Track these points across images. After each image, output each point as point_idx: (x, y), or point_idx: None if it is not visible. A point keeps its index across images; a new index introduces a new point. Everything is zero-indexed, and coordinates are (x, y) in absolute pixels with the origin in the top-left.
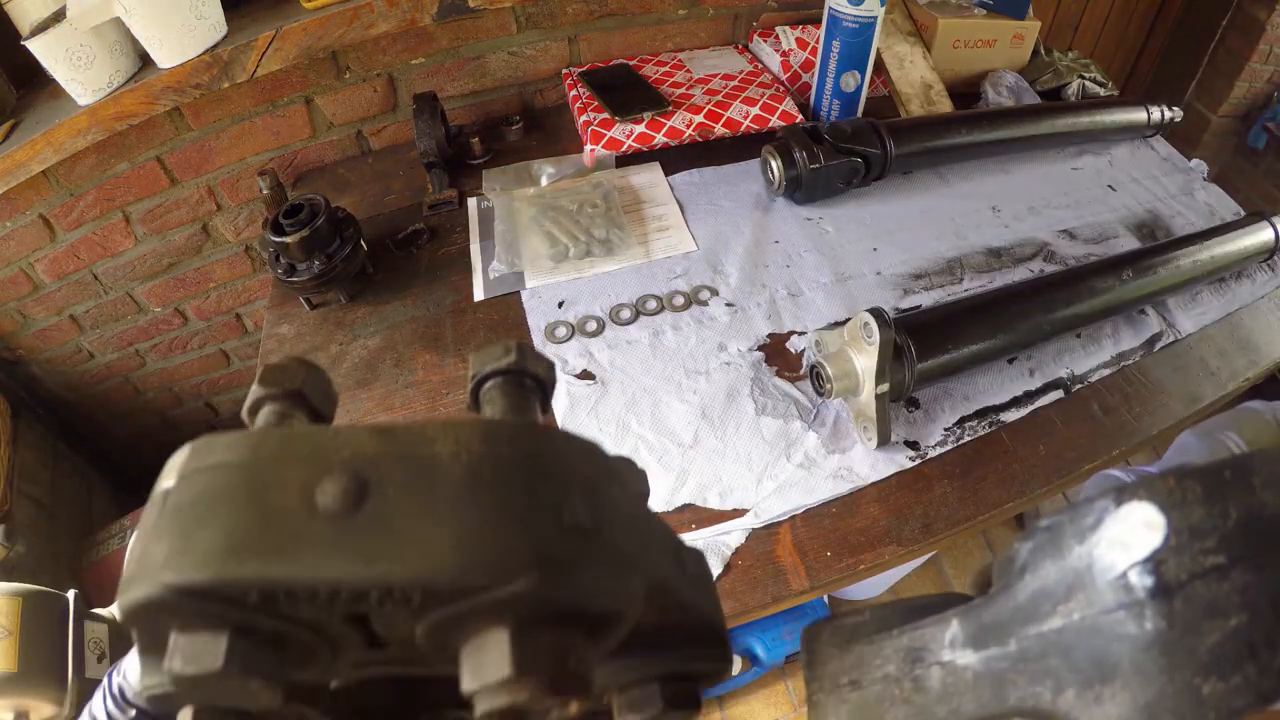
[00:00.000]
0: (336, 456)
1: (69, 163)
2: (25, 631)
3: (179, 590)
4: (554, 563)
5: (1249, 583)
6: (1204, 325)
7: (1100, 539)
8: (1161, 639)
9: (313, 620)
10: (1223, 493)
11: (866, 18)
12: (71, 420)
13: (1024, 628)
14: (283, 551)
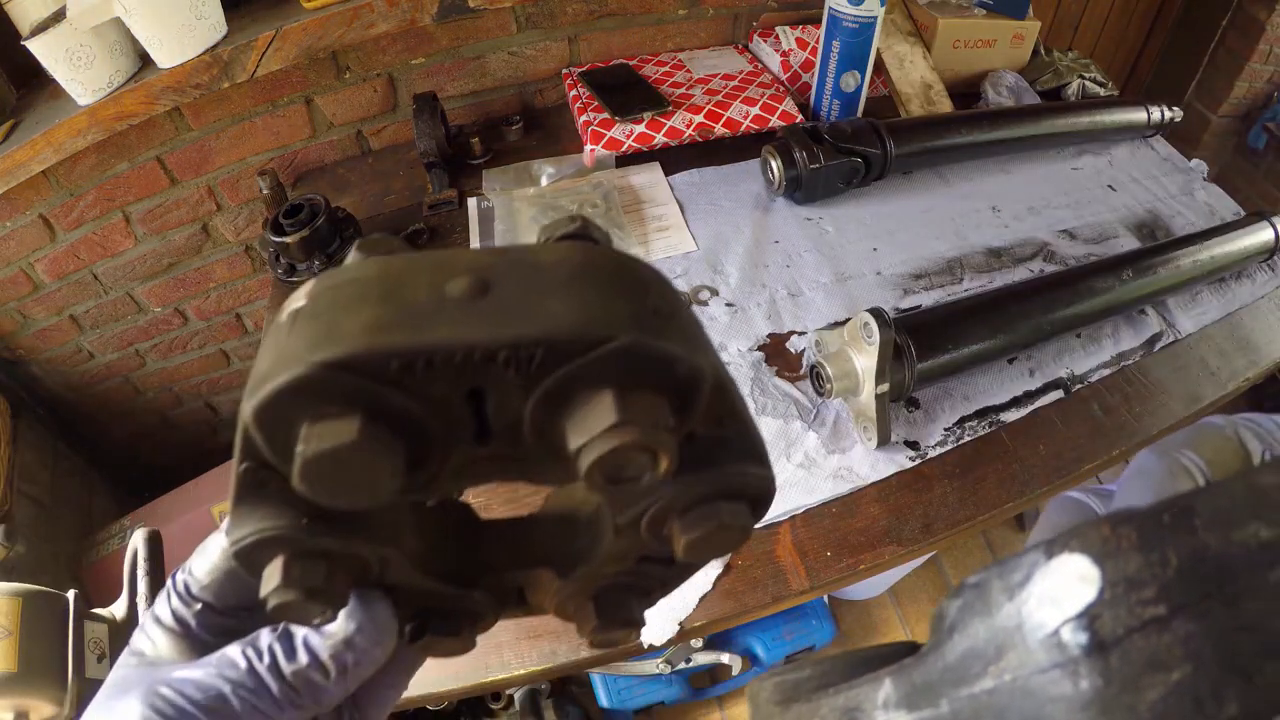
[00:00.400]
0: (458, 264)
1: (69, 163)
2: (25, 631)
3: (327, 365)
4: (646, 328)
5: (1192, 632)
6: (1204, 325)
7: (1030, 595)
8: (1099, 698)
9: (440, 396)
10: (1161, 538)
11: (866, 18)
12: (71, 420)
13: (955, 689)
14: (422, 325)
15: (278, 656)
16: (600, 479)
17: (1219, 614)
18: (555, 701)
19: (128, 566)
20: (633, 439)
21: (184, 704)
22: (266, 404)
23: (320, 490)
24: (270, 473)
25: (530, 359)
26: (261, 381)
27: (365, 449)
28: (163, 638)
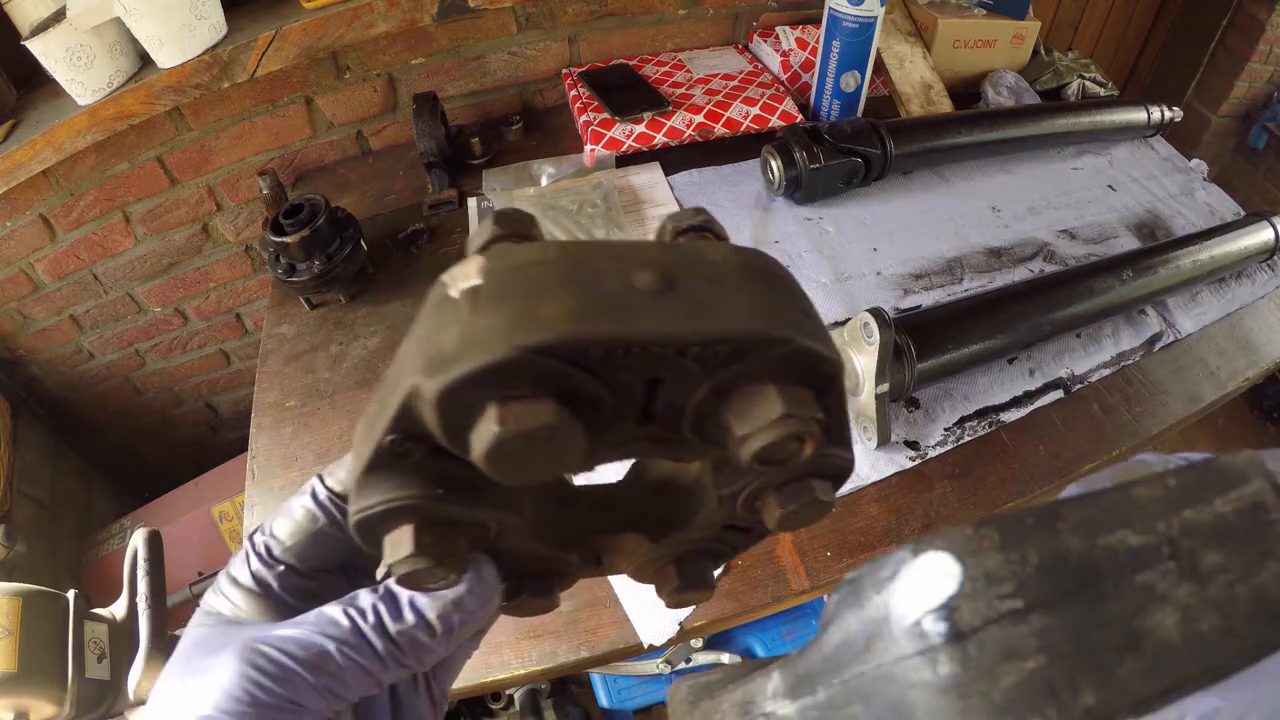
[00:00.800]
0: (638, 257)
1: (69, 163)
2: (25, 631)
3: (532, 349)
4: (806, 330)
5: (1049, 625)
6: (1204, 325)
7: (896, 589)
8: (956, 683)
9: (623, 382)
10: (1023, 539)
11: (866, 18)
12: (71, 420)
13: (830, 677)
14: (623, 315)
15: (383, 616)
16: (757, 463)
17: (1079, 610)
18: (555, 701)
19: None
20: (794, 430)
21: (286, 660)
22: (457, 384)
23: (505, 468)
24: (415, 444)
25: (716, 354)
26: (449, 361)
27: (560, 431)
28: (242, 598)
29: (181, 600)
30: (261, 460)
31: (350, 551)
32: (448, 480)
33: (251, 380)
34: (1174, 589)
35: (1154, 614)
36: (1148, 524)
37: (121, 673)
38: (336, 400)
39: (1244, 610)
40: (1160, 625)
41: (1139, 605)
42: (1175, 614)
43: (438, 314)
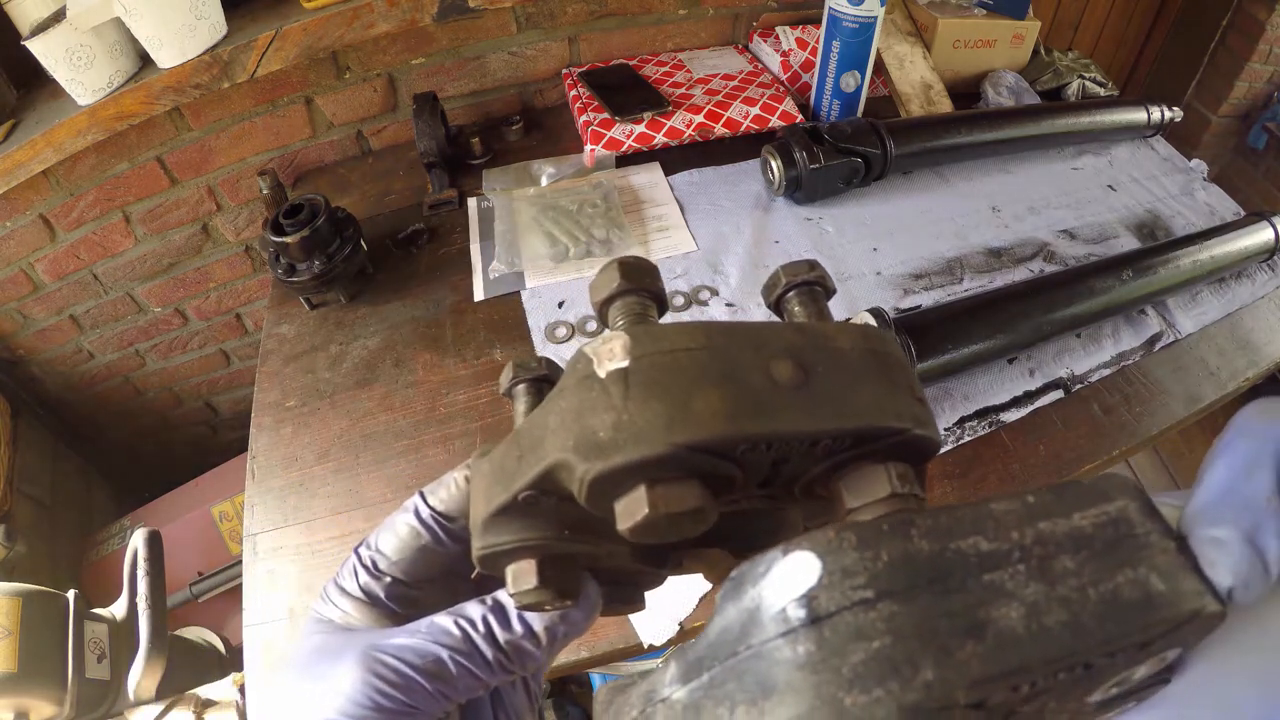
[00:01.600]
0: (776, 344)
1: (69, 163)
2: (25, 631)
3: (687, 447)
4: (920, 419)
5: (895, 612)
6: (1204, 325)
7: (768, 582)
8: (811, 659)
9: (755, 463)
10: (877, 540)
11: (866, 18)
12: (71, 420)
13: (713, 661)
14: (768, 414)
15: (493, 626)
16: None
17: (926, 602)
18: (555, 701)
19: (128, 566)
20: (898, 507)
21: (404, 669)
22: (613, 473)
23: (646, 537)
24: (546, 497)
25: (841, 443)
26: (606, 449)
27: (702, 511)
28: (352, 606)
29: (182, 600)
30: (261, 460)
31: (451, 561)
32: (572, 524)
33: (251, 380)
34: (1021, 588)
35: (999, 607)
36: (1001, 532)
37: (121, 673)
38: (336, 400)
39: (1094, 609)
40: (1004, 617)
41: (984, 599)
42: (1021, 608)
43: (584, 391)
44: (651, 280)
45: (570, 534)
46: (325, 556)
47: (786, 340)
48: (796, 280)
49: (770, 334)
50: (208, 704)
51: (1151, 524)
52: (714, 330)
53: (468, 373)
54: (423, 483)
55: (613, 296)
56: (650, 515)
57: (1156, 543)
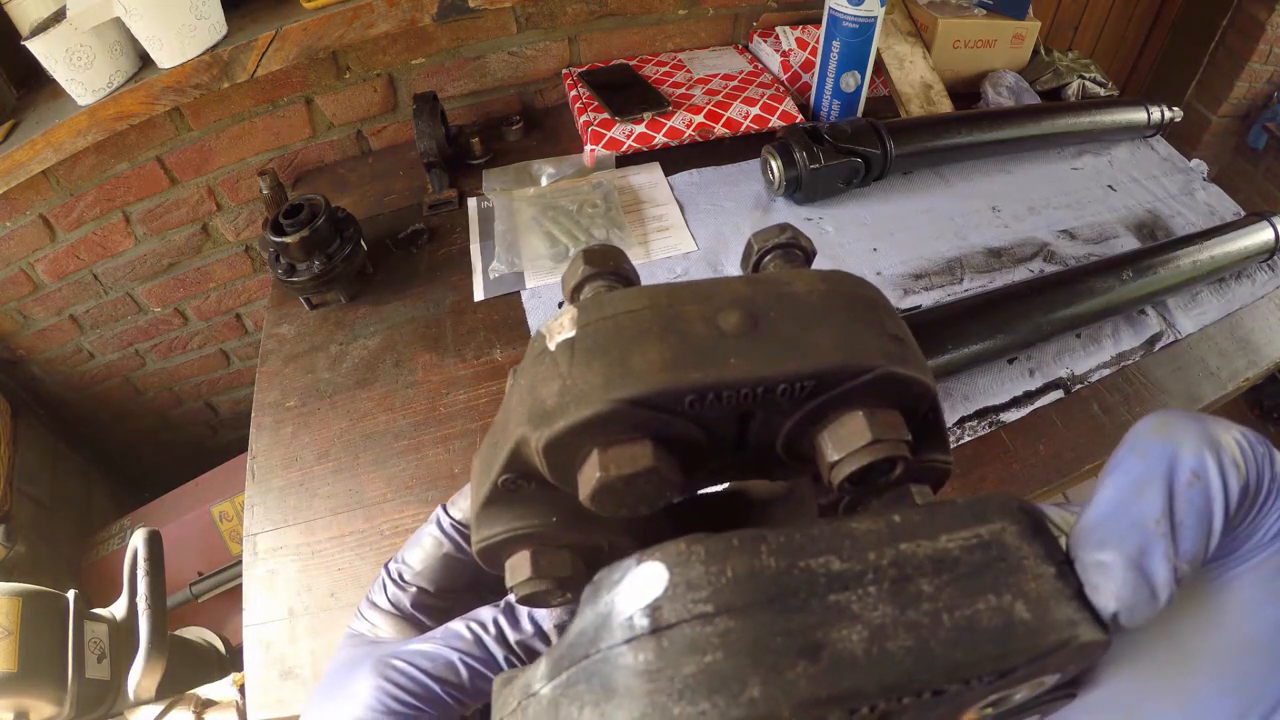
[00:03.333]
0: (722, 297)
1: (69, 163)
2: (25, 631)
3: (628, 402)
4: (893, 356)
5: (731, 628)
6: (1204, 325)
7: (621, 589)
8: (648, 668)
9: (715, 419)
10: (725, 555)
11: (866, 18)
12: (71, 420)
13: (569, 662)
14: (711, 361)
15: (503, 627)
16: (849, 485)
17: (764, 619)
18: None
19: (128, 566)
20: (883, 454)
21: (415, 672)
22: (560, 436)
23: (608, 506)
24: (526, 480)
25: (803, 389)
26: (552, 415)
27: (658, 470)
28: (380, 619)
29: (181, 600)
30: (261, 460)
31: (477, 572)
32: (560, 509)
33: (251, 380)
34: (869, 610)
35: (840, 629)
36: (857, 552)
37: (121, 673)
38: (336, 400)
39: (945, 636)
40: (844, 639)
41: (826, 620)
42: (864, 631)
43: (537, 366)
44: (617, 263)
45: (560, 521)
46: (325, 556)
47: (735, 291)
48: (769, 245)
49: (719, 287)
50: (208, 704)
51: (1030, 548)
52: (659, 291)
53: (468, 373)
54: (423, 483)
55: (580, 283)
56: (603, 477)
57: (1030, 568)
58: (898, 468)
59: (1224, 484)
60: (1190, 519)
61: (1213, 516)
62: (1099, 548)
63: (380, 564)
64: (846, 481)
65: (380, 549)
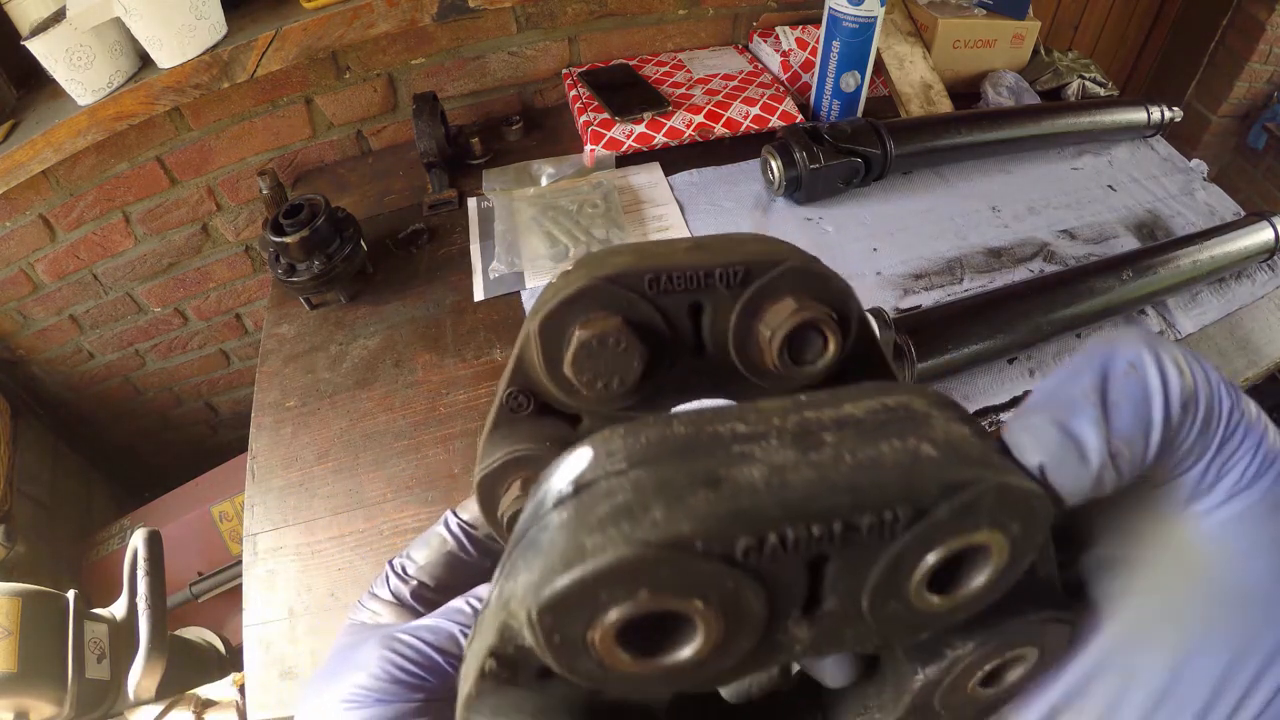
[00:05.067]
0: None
1: (69, 163)
2: (25, 631)
3: (603, 279)
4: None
5: (642, 476)
6: (1204, 325)
7: (553, 472)
8: (568, 519)
9: (672, 308)
10: (641, 429)
11: (866, 18)
12: (71, 420)
13: (515, 543)
14: (666, 259)
15: None
16: (787, 358)
17: (672, 466)
18: None
19: (128, 566)
20: (807, 318)
21: (419, 644)
22: (551, 314)
23: (586, 369)
24: (526, 398)
25: (736, 274)
26: (545, 303)
27: (623, 336)
28: (381, 608)
29: (181, 600)
30: (261, 460)
31: (477, 576)
32: (553, 436)
33: (251, 380)
34: (771, 455)
35: (742, 468)
36: (762, 420)
37: (121, 673)
38: (336, 400)
39: (848, 469)
40: (745, 474)
41: (728, 462)
42: (764, 468)
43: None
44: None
45: (553, 446)
46: (325, 556)
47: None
48: None
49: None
50: (208, 704)
51: (941, 413)
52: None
53: (468, 373)
54: (423, 483)
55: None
56: (582, 335)
57: (940, 424)
58: (829, 344)
59: (1163, 380)
60: (1125, 403)
61: (1150, 407)
62: (1026, 416)
63: (380, 564)
64: (781, 357)
65: (380, 549)
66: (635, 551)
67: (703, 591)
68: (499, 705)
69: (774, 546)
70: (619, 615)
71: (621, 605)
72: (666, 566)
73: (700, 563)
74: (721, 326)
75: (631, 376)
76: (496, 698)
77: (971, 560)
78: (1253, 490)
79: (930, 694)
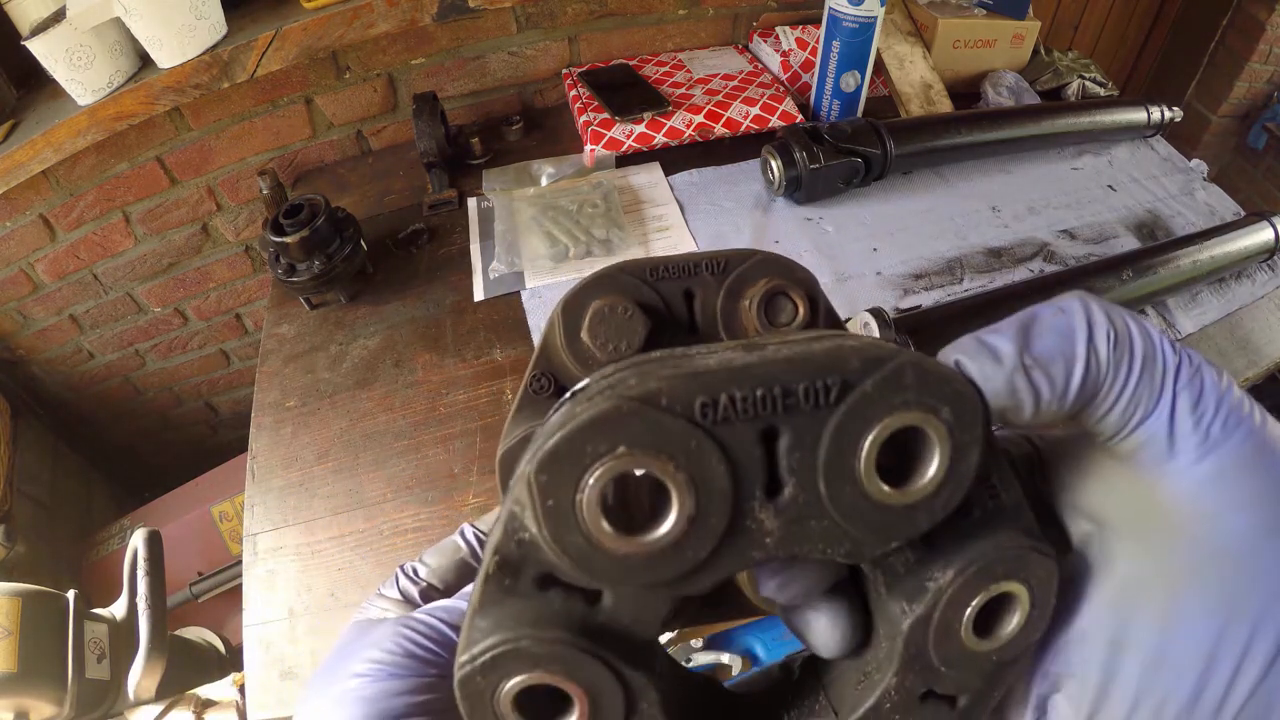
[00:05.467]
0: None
1: (69, 163)
2: (25, 631)
3: (618, 268)
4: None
5: (624, 373)
6: (1204, 325)
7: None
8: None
9: (669, 293)
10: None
11: (866, 18)
12: (71, 420)
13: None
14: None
15: None
16: (765, 318)
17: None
18: None
19: (128, 566)
20: (778, 285)
21: (434, 621)
22: (573, 297)
23: (598, 333)
24: (548, 380)
25: (718, 264)
26: (569, 293)
27: (629, 307)
28: (390, 605)
29: (181, 600)
30: (261, 460)
31: None
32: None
33: (251, 380)
34: (723, 353)
35: (699, 360)
36: (720, 344)
37: (121, 673)
38: (336, 400)
39: (785, 354)
40: (702, 360)
41: (691, 358)
42: (718, 358)
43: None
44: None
45: None
46: (325, 556)
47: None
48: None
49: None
50: (208, 704)
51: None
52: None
53: (468, 373)
54: (423, 483)
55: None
56: (598, 305)
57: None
58: (799, 308)
59: (1088, 320)
60: (1047, 333)
61: (1073, 341)
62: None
63: (381, 564)
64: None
65: (380, 549)
66: (614, 404)
67: (671, 451)
68: (501, 617)
69: (725, 406)
70: (603, 473)
71: (604, 462)
72: (639, 420)
73: (667, 419)
74: (710, 308)
75: (636, 340)
76: (499, 609)
77: (917, 453)
78: (1225, 448)
79: (923, 638)
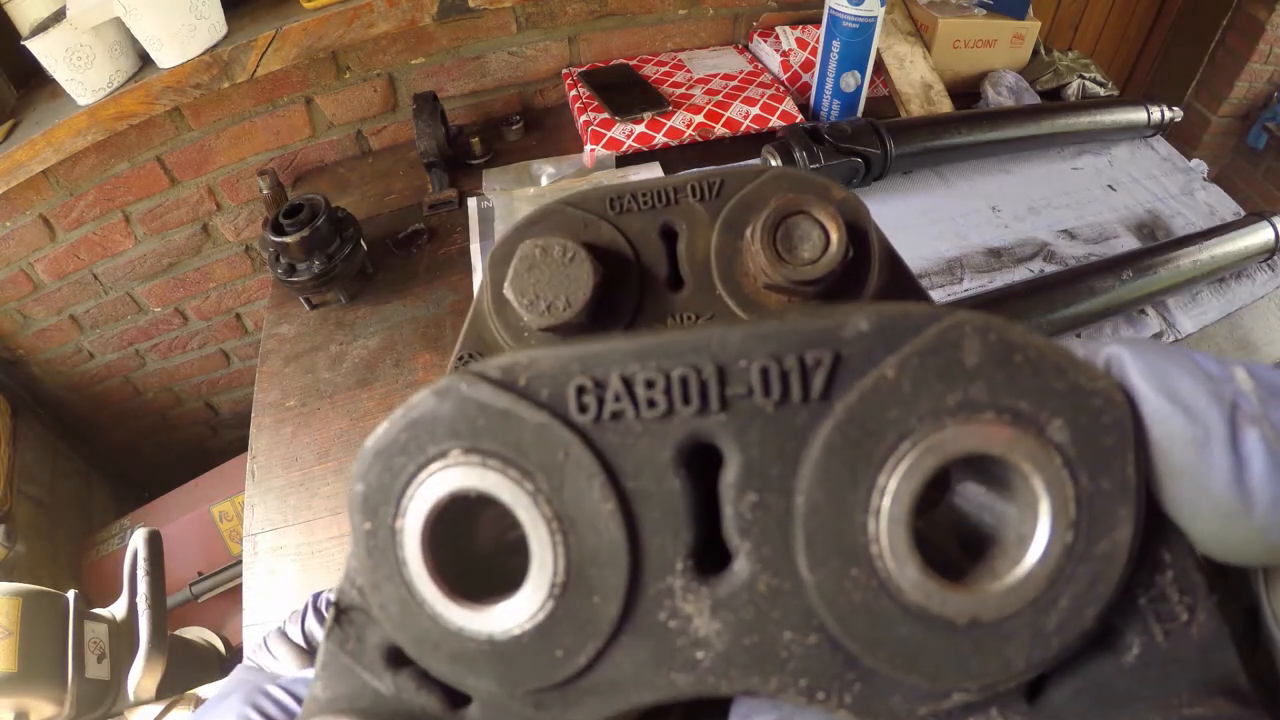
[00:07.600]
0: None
1: (69, 163)
2: (25, 631)
3: (561, 202)
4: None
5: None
6: (1204, 325)
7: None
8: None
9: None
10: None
11: (866, 18)
12: (71, 420)
13: None
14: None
15: None
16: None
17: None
18: None
19: (128, 566)
20: (797, 204)
21: (290, 701)
22: (505, 239)
23: (525, 288)
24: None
25: (712, 186)
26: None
27: (570, 247)
28: (287, 652)
29: (181, 600)
30: (261, 460)
31: None
32: None
33: (251, 380)
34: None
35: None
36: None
37: (121, 673)
38: (336, 400)
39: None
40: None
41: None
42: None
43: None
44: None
45: None
46: (325, 556)
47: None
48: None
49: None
50: None
51: None
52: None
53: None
54: None
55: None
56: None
57: None
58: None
59: None
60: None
61: None
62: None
63: None
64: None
65: None
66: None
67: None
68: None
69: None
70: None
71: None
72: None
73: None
74: (701, 251)
75: (581, 295)
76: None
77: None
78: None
79: None
